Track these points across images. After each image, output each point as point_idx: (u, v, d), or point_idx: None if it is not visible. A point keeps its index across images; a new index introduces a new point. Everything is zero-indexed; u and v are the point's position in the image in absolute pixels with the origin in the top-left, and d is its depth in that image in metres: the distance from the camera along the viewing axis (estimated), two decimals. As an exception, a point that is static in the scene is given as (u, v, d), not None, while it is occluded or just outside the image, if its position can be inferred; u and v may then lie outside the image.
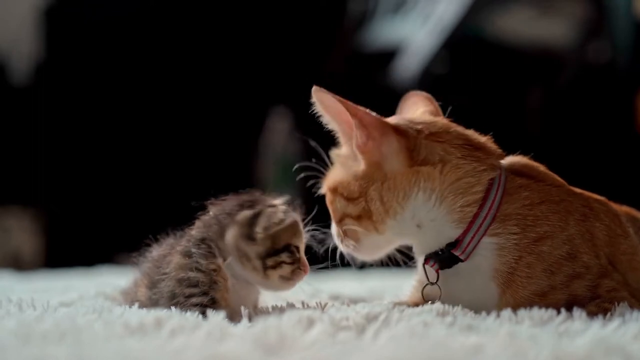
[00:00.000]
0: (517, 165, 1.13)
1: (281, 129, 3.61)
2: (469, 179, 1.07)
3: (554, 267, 1.05)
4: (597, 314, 1.00)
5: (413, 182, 1.08)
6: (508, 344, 0.82)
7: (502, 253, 1.06)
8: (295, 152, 3.53)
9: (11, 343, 0.84)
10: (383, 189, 1.09)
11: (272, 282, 1.11)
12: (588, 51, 3.14)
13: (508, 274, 1.05)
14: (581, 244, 1.06)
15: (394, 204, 1.08)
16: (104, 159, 3.61)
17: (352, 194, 1.11)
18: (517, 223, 1.06)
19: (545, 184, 1.11)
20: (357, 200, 1.11)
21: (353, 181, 1.11)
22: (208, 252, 1.11)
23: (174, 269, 1.12)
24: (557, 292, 1.04)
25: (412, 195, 1.08)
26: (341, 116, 1.11)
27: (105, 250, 3.10)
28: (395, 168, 1.09)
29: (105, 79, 3.62)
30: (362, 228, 1.11)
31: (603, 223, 1.10)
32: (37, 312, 1.09)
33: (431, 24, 3.10)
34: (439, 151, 1.09)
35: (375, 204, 1.09)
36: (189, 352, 0.80)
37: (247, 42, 3.67)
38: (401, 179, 1.08)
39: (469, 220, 1.06)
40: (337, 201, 1.13)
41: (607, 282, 1.06)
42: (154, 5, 3.71)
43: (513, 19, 3.07)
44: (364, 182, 1.10)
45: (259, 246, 1.09)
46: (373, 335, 0.90)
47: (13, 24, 3.65)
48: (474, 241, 1.06)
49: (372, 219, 1.10)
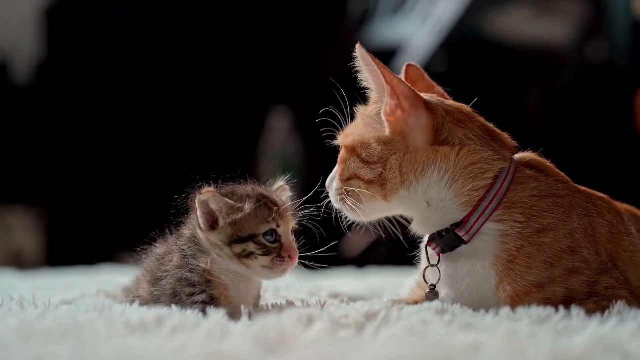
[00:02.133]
0: (528, 159, 1.15)
1: (281, 127, 3.61)
2: (481, 164, 1.09)
3: (554, 260, 1.06)
4: (595, 311, 1.00)
5: (432, 159, 1.10)
6: (507, 342, 0.83)
7: (505, 240, 1.07)
8: (295, 151, 3.54)
9: (13, 341, 0.84)
10: (404, 160, 1.10)
11: (256, 271, 1.11)
12: (587, 51, 3.13)
13: (508, 262, 1.06)
14: (582, 239, 1.07)
15: (411, 176, 1.10)
16: (105, 158, 3.61)
17: (371, 158, 1.12)
18: (522, 212, 1.08)
19: (554, 179, 1.13)
20: (374, 165, 1.11)
21: (375, 145, 1.12)
22: (197, 250, 1.12)
23: (174, 267, 1.13)
24: (555, 285, 1.05)
25: (428, 171, 1.09)
26: (378, 78, 1.12)
27: (107, 249, 3.10)
28: (418, 142, 1.10)
29: (106, 78, 3.63)
30: (370, 192, 1.12)
31: (606, 219, 1.11)
32: (38, 310, 1.09)
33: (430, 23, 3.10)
34: (460, 135, 1.11)
35: (394, 173, 1.10)
36: (189, 350, 0.80)
37: (247, 42, 3.68)
38: (422, 154, 1.10)
39: (474, 204, 1.08)
40: (352, 161, 1.13)
41: (605, 280, 1.06)
42: (155, 4, 3.71)
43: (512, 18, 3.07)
44: (387, 148, 1.11)
45: (219, 234, 1.10)
46: (372, 333, 0.90)
47: (15, 24, 3.65)
48: (478, 223, 1.08)
49: (385, 187, 1.11)
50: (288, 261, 1.10)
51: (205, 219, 1.11)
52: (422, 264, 1.19)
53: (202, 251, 1.11)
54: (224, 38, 3.69)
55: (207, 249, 1.11)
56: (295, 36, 3.72)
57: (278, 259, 1.10)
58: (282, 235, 1.11)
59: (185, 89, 3.64)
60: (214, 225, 1.10)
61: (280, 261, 1.10)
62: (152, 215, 2.47)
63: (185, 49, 3.65)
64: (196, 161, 3.52)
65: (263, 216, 1.10)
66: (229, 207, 1.09)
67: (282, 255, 1.10)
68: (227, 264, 1.11)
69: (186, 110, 3.63)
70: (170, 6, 3.71)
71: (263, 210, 1.10)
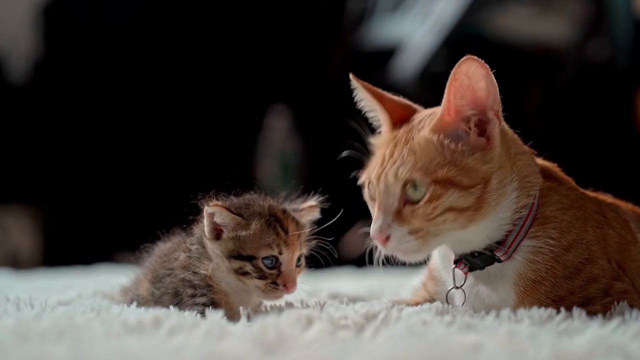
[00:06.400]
0: (541, 166, 1.10)
1: (280, 126, 3.61)
2: (531, 177, 1.04)
3: (574, 274, 1.03)
4: (598, 313, 1.00)
5: (509, 171, 1.02)
6: (507, 343, 0.82)
7: (536, 258, 1.02)
8: (294, 150, 3.53)
9: (10, 342, 0.84)
10: (500, 175, 1.01)
11: (251, 289, 1.09)
12: (587, 49, 3.13)
13: (534, 283, 1.02)
14: (597, 250, 1.06)
15: (503, 192, 1.01)
16: (103, 158, 3.60)
17: (474, 180, 1.00)
18: (555, 226, 1.03)
19: (566, 187, 1.10)
20: (474, 188, 1.00)
21: (477, 165, 1.00)
22: (203, 254, 1.11)
23: (179, 267, 1.12)
24: (575, 296, 1.03)
25: (508, 186, 1.02)
26: (475, 102, 1.02)
27: (104, 249, 3.10)
28: (502, 154, 1.03)
29: (104, 77, 3.62)
30: (459, 221, 1.01)
31: (615, 230, 1.10)
32: (35, 311, 1.08)
33: (430, 22, 3.09)
34: (516, 142, 1.06)
35: (493, 193, 1.00)
36: (187, 351, 0.79)
37: (246, 41, 3.67)
38: (506, 167, 1.02)
39: (515, 221, 1.03)
40: (450, 193, 0.99)
41: (618, 285, 1.05)
42: (153, 3, 3.70)
43: (512, 17, 3.07)
44: (490, 167, 1.01)
45: (221, 245, 1.08)
46: (372, 334, 0.89)
47: (11, 22, 3.65)
48: (516, 242, 1.03)
49: (481, 210, 1.00)
50: (282, 290, 1.08)
51: (211, 229, 1.10)
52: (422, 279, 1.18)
53: (206, 256, 1.11)
54: (224, 36, 3.69)
55: (211, 255, 1.10)
56: (294, 34, 3.71)
57: (272, 285, 1.07)
58: (283, 263, 1.08)
59: (184, 88, 3.64)
60: (219, 235, 1.09)
61: (274, 288, 1.08)
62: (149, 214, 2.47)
63: (183, 48, 3.64)
64: (194, 160, 3.52)
65: (267, 240, 1.07)
66: (235, 223, 1.08)
67: (278, 282, 1.08)
68: (225, 276, 1.10)
69: (184, 109, 3.63)
70: (169, 5, 3.71)
71: (270, 234, 1.08)
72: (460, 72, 0.98)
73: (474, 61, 0.97)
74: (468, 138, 1.02)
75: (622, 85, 3.11)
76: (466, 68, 0.98)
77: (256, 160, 3.58)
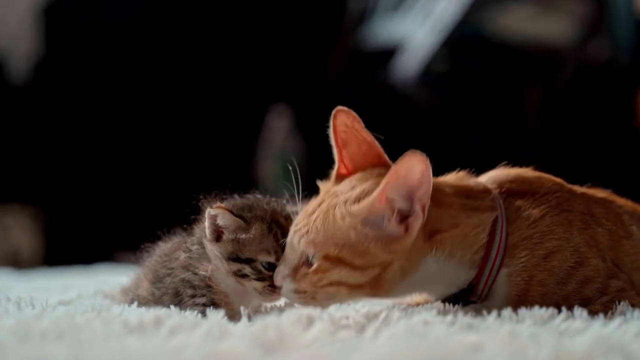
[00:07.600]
0: (507, 185, 1.09)
1: (281, 126, 3.61)
2: (476, 230, 1.04)
3: (565, 279, 1.04)
4: (599, 312, 1.00)
5: (428, 250, 1.03)
6: (508, 343, 0.82)
7: (514, 279, 1.04)
8: (295, 150, 3.53)
9: (10, 342, 0.84)
10: (407, 261, 1.02)
11: (250, 291, 1.09)
12: (588, 49, 3.13)
13: (518, 297, 1.03)
14: (587, 251, 1.05)
15: (411, 271, 1.03)
16: (103, 157, 3.61)
17: (369, 263, 1.01)
18: (524, 247, 1.04)
19: (541, 194, 1.09)
20: (369, 269, 1.01)
21: (377, 250, 1.01)
22: (203, 254, 1.11)
23: (179, 267, 1.12)
24: (570, 300, 1.03)
25: (425, 260, 1.03)
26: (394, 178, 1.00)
27: (104, 249, 3.10)
28: (417, 241, 1.02)
29: (104, 77, 3.62)
30: (353, 294, 1.03)
31: (605, 228, 1.09)
32: (35, 311, 1.08)
33: (431, 22, 3.09)
34: (446, 219, 1.05)
35: (394, 274, 1.02)
36: (188, 351, 0.79)
37: (247, 40, 3.67)
38: (420, 250, 1.03)
39: (480, 263, 1.04)
40: (337, 271, 1.01)
41: (615, 283, 1.05)
42: (154, 3, 3.70)
43: (513, 16, 3.07)
44: (392, 256, 1.01)
45: (220, 247, 1.08)
46: (373, 334, 0.89)
47: (12, 22, 3.65)
48: (488, 284, 1.04)
49: (381, 287, 1.02)
50: (278, 292, 1.07)
51: (212, 230, 1.09)
52: None
53: (206, 257, 1.11)
54: (224, 36, 3.69)
55: (210, 256, 1.10)
56: (294, 34, 3.71)
57: (269, 288, 1.07)
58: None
59: (184, 87, 3.64)
60: (219, 237, 1.09)
61: (271, 291, 1.07)
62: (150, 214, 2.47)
63: (183, 47, 3.64)
64: (195, 160, 3.52)
65: (266, 245, 1.07)
66: (236, 226, 1.08)
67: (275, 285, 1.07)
68: (224, 277, 1.10)
69: (185, 109, 3.63)
70: (169, 5, 3.71)
71: (269, 240, 1.08)
72: (402, 164, 0.98)
73: (416, 155, 0.97)
74: (389, 224, 1.01)
75: (623, 85, 3.11)
76: (408, 161, 0.97)
77: (257, 160, 3.58)
